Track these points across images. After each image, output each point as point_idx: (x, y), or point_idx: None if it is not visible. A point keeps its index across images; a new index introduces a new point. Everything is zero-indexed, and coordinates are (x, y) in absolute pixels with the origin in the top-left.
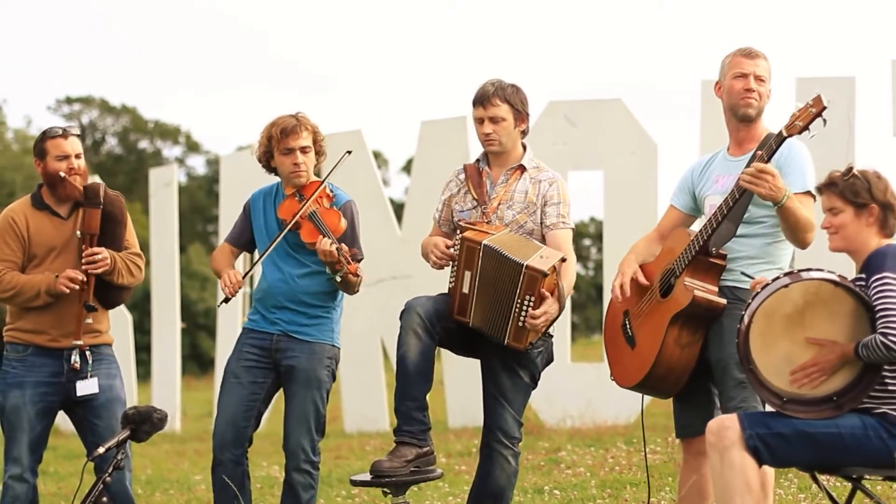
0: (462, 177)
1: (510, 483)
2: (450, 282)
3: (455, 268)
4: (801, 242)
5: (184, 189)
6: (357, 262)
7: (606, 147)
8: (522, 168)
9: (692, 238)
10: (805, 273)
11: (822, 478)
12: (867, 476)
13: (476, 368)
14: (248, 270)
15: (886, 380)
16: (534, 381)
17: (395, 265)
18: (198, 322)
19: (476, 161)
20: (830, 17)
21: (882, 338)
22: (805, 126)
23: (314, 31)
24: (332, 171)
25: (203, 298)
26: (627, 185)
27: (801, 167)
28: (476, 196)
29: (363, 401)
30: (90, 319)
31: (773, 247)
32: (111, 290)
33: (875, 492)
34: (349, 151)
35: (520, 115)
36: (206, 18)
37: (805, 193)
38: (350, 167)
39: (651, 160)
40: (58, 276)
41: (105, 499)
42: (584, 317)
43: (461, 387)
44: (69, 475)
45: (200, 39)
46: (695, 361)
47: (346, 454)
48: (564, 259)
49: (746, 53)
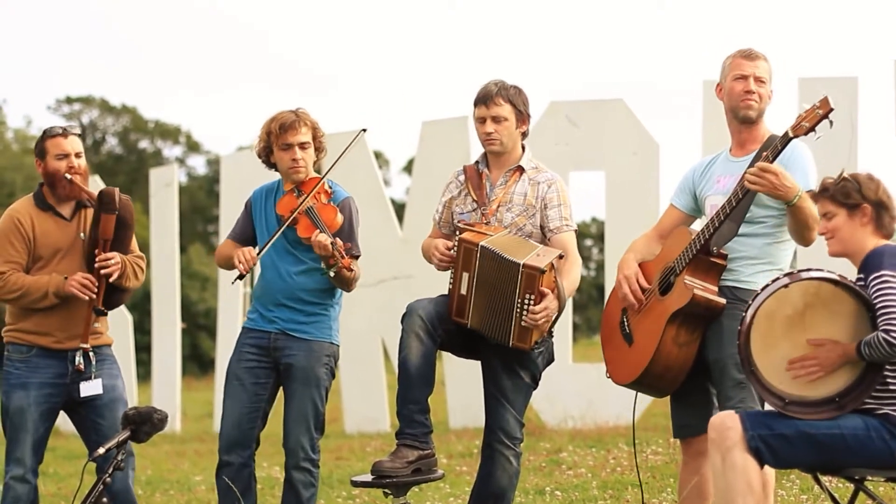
0: (462, 178)
1: (512, 484)
2: (449, 282)
3: (453, 269)
4: (807, 240)
5: (184, 189)
6: (353, 259)
7: (608, 147)
8: (521, 169)
9: (693, 237)
10: (805, 273)
11: (825, 479)
12: (869, 477)
13: (477, 368)
14: (261, 250)
15: (888, 380)
16: (535, 382)
17: (396, 265)
18: (198, 322)
19: (475, 163)
20: (833, 18)
21: (885, 335)
22: (811, 127)
23: (314, 31)
24: (346, 150)
25: (203, 299)
26: (629, 186)
27: (804, 167)
28: (476, 198)
29: (364, 401)
30: (98, 323)
31: (774, 247)
32: (115, 293)
33: (877, 493)
34: (364, 130)
35: (521, 116)
36: (206, 18)
37: (809, 192)
38: (351, 167)
39: (653, 160)
40: (66, 278)
41: (105, 499)
42: (586, 317)
43: (462, 387)
44: (69, 476)
45: (200, 39)
46: (692, 361)
47: (347, 455)
48: (562, 256)
49: (746, 55)
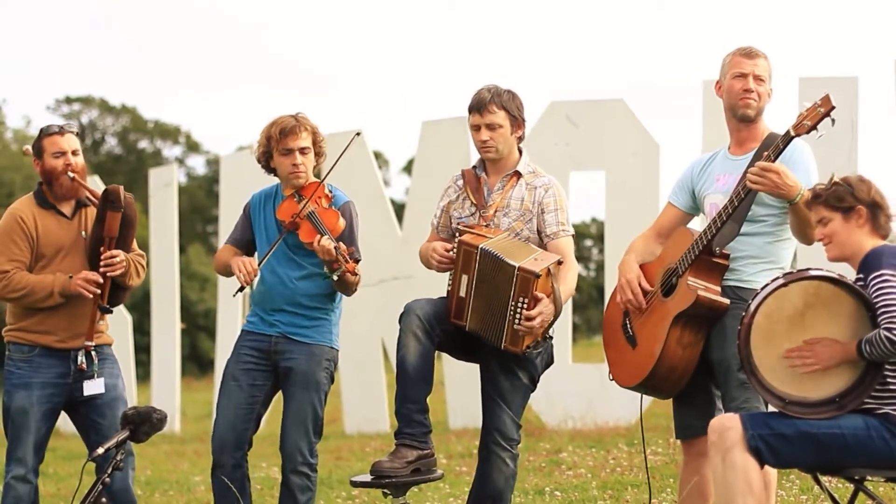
0: (460, 183)
1: (509, 485)
2: (448, 283)
3: (453, 270)
4: (810, 238)
5: (183, 189)
6: (355, 262)
7: (608, 147)
8: (518, 174)
9: (695, 238)
10: (804, 272)
11: (825, 479)
12: (869, 477)
13: (477, 369)
14: (262, 260)
15: (888, 380)
16: (533, 383)
17: (396, 265)
18: (197, 323)
19: (473, 167)
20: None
21: (887, 332)
22: (813, 126)
23: (314, 32)
24: (342, 155)
25: (203, 299)
26: (629, 186)
27: (806, 166)
28: (475, 201)
29: (363, 402)
30: (103, 321)
31: (775, 246)
32: (117, 291)
33: (877, 493)
34: (358, 133)
35: (516, 122)
36: (206, 18)
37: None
38: (350, 167)
39: (653, 160)
40: (72, 277)
41: (104, 499)
42: (586, 318)
43: (462, 388)
44: (69, 476)
45: (200, 39)
46: (696, 361)
47: (347, 455)
48: (561, 262)
49: (746, 53)
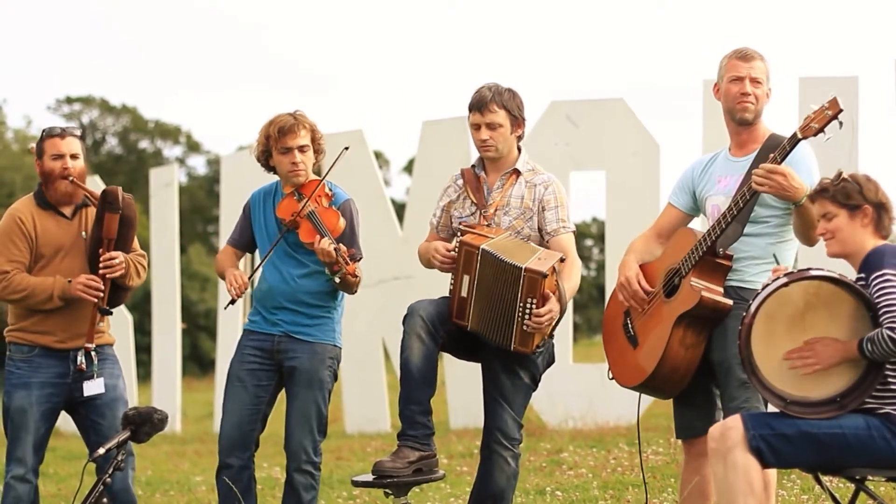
0: (460, 182)
1: (510, 484)
2: (450, 284)
3: (454, 271)
4: (812, 240)
5: (184, 189)
6: (356, 262)
7: (609, 147)
8: (517, 172)
9: (699, 238)
10: (805, 272)
11: (826, 479)
12: (870, 477)
13: (478, 369)
14: (253, 272)
15: (889, 379)
16: (534, 383)
17: (397, 266)
18: (198, 323)
19: (472, 166)
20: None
21: (889, 332)
22: (821, 128)
23: (314, 32)
24: (331, 170)
25: (203, 299)
26: (630, 186)
27: (809, 168)
28: (475, 200)
29: (364, 402)
30: (103, 323)
31: (777, 247)
32: (118, 292)
33: (878, 493)
34: (346, 148)
35: (516, 121)
36: (206, 18)
37: None
38: (351, 167)
39: (653, 160)
40: (71, 281)
41: (105, 499)
42: (586, 317)
43: (463, 388)
44: (69, 476)
45: (200, 39)
46: (698, 362)
47: (348, 455)
48: (563, 259)
49: (742, 56)
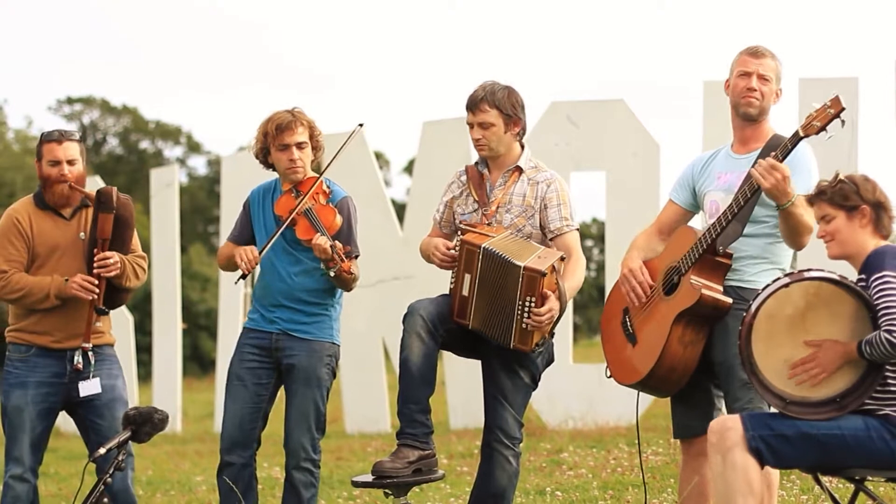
0: (464, 178)
1: (511, 483)
2: (450, 282)
3: (455, 270)
4: (797, 245)
5: (185, 189)
6: (353, 259)
7: (609, 147)
8: (520, 170)
9: (699, 237)
10: (805, 273)
11: (825, 479)
12: (870, 477)
13: (478, 368)
14: (262, 249)
15: (888, 381)
16: (534, 382)
17: (397, 265)
18: (199, 323)
19: (476, 163)
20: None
21: (886, 335)
22: (822, 127)
23: (314, 32)
24: (344, 146)
25: (204, 299)
26: (630, 186)
27: (808, 169)
28: (477, 198)
29: (364, 401)
30: (99, 322)
31: (776, 247)
32: (116, 293)
33: (878, 493)
34: (361, 124)
35: (511, 120)
36: (207, 18)
37: (808, 196)
38: (351, 167)
39: (653, 160)
40: (68, 280)
41: (106, 499)
42: (586, 318)
43: (463, 387)
44: (70, 476)
45: (201, 39)
46: (697, 361)
47: (347, 455)
48: (564, 258)
49: (752, 52)
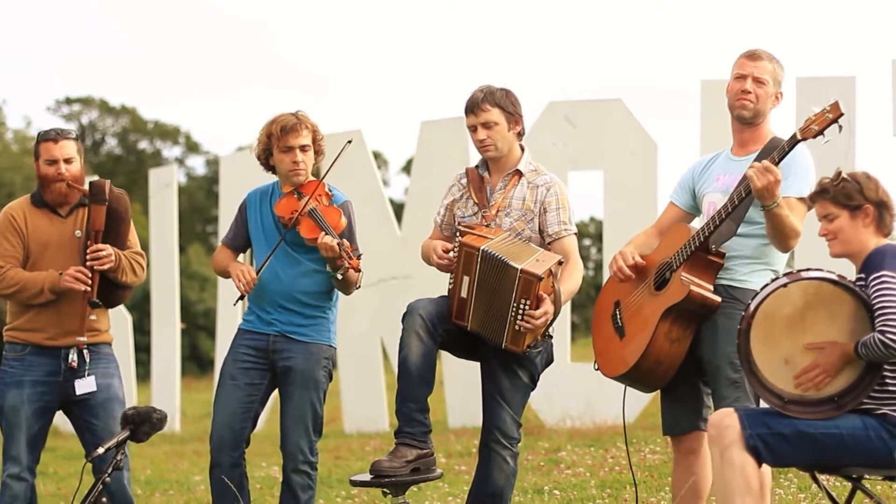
0: (464, 181)
1: (509, 483)
2: (449, 284)
3: (454, 271)
4: (784, 247)
5: (183, 189)
6: (357, 259)
7: (607, 147)
8: (519, 173)
9: (692, 234)
10: (804, 273)
11: (823, 477)
12: (867, 476)
13: (476, 368)
14: (261, 267)
15: (886, 380)
16: (533, 382)
17: (395, 265)
18: (197, 323)
19: (476, 167)
20: (831, 17)
21: (881, 336)
22: (820, 131)
23: (313, 32)
24: (333, 164)
25: (203, 299)
26: (628, 186)
27: (803, 172)
28: (477, 201)
29: (363, 401)
30: (93, 316)
31: (769, 248)
32: (113, 289)
33: (875, 491)
34: (349, 141)
35: (512, 118)
36: (207, 18)
37: (801, 199)
38: (350, 167)
39: (651, 160)
40: (62, 274)
41: (105, 499)
42: (585, 317)
43: (461, 387)
44: (69, 476)
45: (200, 39)
46: (683, 357)
47: (346, 455)
48: (562, 262)
49: (749, 55)
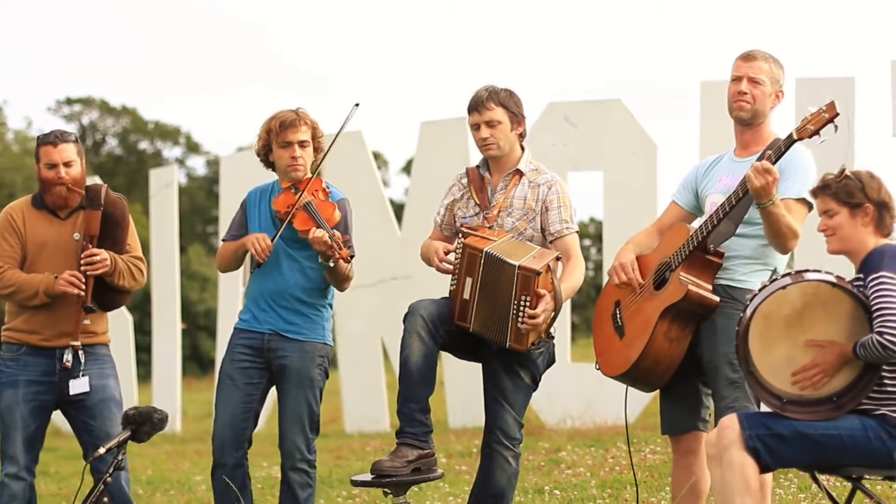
0: (464, 181)
1: (511, 484)
2: (451, 285)
3: (456, 273)
4: (782, 248)
5: (184, 190)
6: (349, 249)
7: (606, 148)
8: (520, 173)
9: (691, 233)
10: (803, 274)
11: (822, 478)
12: (867, 476)
13: (476, 368)
14: (274, 236)
15: (885, 381)
16: (535, 383)
17: (395, 266)
18: (198, 323)
19: (476, 166)
20: (830, 18)
21: (878, 337)
22: (816, 130)
23: (314, 32)
24: (342, 129)
25: (203, 299)
26: (628, 186)
27: (803, 172)
28: (478, 201)
29: (363, 401)
30: (87, 321)
31: (769, 248)
32: (111, 293)
33: (875, 491)
34: (357, 104)
35: (515, 118)
36: (207, 18)
37: (800, 200)
38: (349, 168)
39: (651, 161)
40: (57, 277)
41: (106, 499)
42: (584, 317)
43: (462, 387)
44: (70, 476)
45: (201, 39)
46: (682, 356)
47: (347, 455)
48: (559, 258)
49: (744, 56)
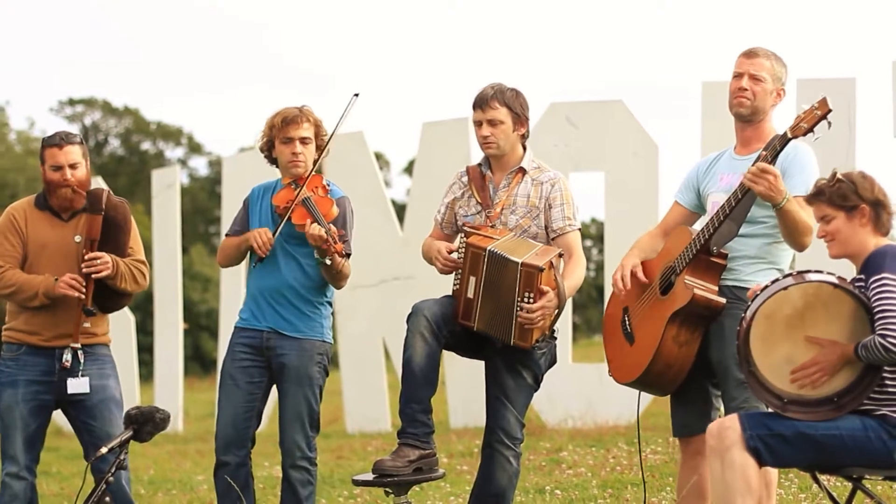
0: (465, 179)
1: (512, 483)
2: (454, 285)
3: (459, 272)
4: (799, 245)
5: (186, 190)
6: (343, 243)
7: (608, 148)
8: (523, 171)
9: (693, 236)
10: (804, 275)
11: (823, 478)
12: (867, 476)
13: (478, 368)
14: (275, 231)
15: (886, 381)
16: (536, 383)
17: (397, 266)
18: (200, 323)
19: (478, 165)
20: (831, 19)
21: (881, 339)
22: (810, 128)
23: (314, 32)
24: (343, 119)
25: (205, 299)
26: (629, 186)
27: (806, 170)
28: (480, 200)
29: (365, 401)
30: (88, 323)
31: (774, 247)
32: (112, 296)
33: (875, 492)
34: (356, 94)
35: (519, 119)
36: (207, 18)
37: (807, 197)
38: (351, 168)
39: (652, 161)
40: (57, 280)
41: (108, 499)
42: (586, 318)
43: (463, 387)
44: (72, 475)
45: (202, 40)
46: (692, 359)
47: (348, 455)
48: (561, 254)
49: (746, 53)
